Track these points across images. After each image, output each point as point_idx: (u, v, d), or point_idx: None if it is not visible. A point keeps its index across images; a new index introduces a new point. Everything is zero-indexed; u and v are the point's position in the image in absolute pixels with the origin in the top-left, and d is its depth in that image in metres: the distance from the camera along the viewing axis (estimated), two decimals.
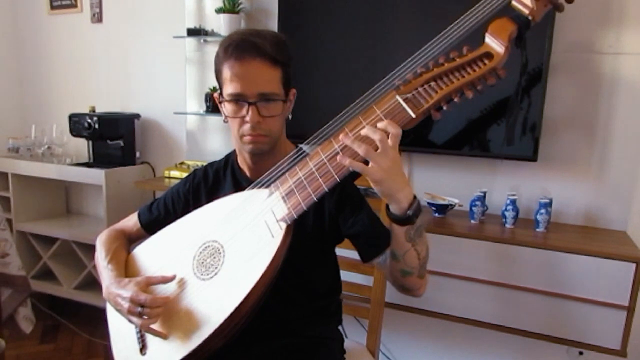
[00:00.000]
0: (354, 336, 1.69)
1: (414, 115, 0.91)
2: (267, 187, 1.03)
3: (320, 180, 0.95)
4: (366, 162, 0.89)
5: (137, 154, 2.62)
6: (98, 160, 2.60)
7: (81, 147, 2.70)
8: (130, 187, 2.42)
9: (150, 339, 1.05)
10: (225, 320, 0.94)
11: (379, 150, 0.88)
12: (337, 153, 0.94)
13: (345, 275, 1.44)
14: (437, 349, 2.11)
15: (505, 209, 1.73)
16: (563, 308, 1.54)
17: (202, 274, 1.03)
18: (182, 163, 2.44)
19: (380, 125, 0.90)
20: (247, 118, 1.05)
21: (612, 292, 1.48)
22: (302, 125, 1.10)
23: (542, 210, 1.67)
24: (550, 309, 1.56)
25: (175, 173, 2.35)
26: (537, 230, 1.69)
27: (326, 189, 0.94)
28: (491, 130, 1.82)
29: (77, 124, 2.44)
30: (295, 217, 0.96)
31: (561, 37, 1.75)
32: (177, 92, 2.52)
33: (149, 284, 1.04)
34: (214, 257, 1.04)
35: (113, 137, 2.51)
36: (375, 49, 1.93)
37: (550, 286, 1.55)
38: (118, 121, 2.51)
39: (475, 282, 1.63)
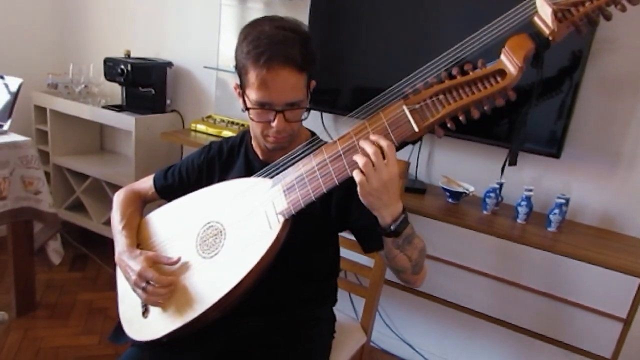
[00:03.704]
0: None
1: (417, 129, 0.91)
2: (271, 177, 1.06)
3: (320, 180, 0.97)
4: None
5: (168, 102, 2.68)
6: (131, 103, 2.65)
7: (117, 87, 2.74)
8: (160, 135, 2.49)
9: None
10: (219, 300, 1.01)
11: (375, 167, 0.88)
12: (340, 155, 0.96)
13: (348, 254, 1.48)
14: (441, 327, 2.16)
15: (519, 204, 1.70)
16: (561, 311, 1.56)
17: (203, 252, 1.09)
18: (209, 117, 2.47)
19: (374, 143, 0.91)
20: (274, 124, 1.07)
21: (612, 303, 1.48)
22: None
23: (556, 210, 1.64)
24: (547, 309, 1.58)
25: (201, 127, 2.39)
26: (548, 229, 1.66)
27: (325, 191, 0.96)
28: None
29: (112, 69, 2.48)
30: (294, 212, 0.99)
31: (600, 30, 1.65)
32: (210, 44, 2.52)
33: (156, 261, 1.11)
34: (216, 238, 1.09)
35: (145, 85, 2.54)
36: (419, 23, 1.88)
37: (551, 288, 1.56)
38: (151, 69, 2.54)
39: (477, 273, 1.66)
